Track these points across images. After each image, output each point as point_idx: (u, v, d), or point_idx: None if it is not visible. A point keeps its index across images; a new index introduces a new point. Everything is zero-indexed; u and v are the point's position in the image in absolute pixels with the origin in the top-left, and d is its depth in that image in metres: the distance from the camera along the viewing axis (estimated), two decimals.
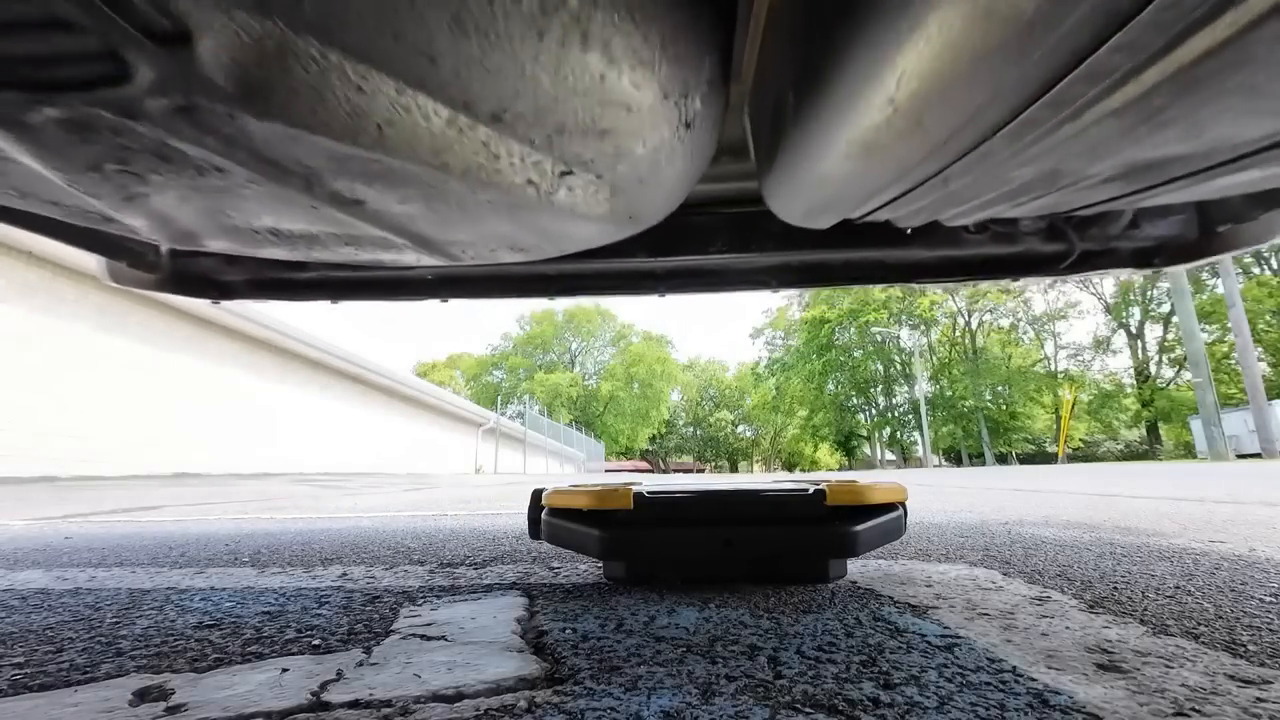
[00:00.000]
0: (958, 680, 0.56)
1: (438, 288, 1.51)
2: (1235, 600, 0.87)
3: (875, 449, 44.66)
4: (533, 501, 1.12)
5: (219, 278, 1.46)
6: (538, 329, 54.60)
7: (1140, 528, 1.75)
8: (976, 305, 38.49)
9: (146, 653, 0.69)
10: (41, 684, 0.60)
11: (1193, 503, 2.60)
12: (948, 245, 1.33)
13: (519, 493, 4.76)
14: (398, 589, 1.03)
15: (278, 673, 0.61)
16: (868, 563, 1.20)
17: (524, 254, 0.82)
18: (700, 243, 1.36)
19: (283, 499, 4.12)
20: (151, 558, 1.46)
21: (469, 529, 2.05)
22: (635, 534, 0.95)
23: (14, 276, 6.62)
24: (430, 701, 0.53)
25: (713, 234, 1.37)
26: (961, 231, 1.30)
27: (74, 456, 7.18)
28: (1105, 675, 0.57)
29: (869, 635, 0.71)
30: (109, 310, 7.83)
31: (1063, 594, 0.92)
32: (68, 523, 2.46)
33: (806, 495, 0.95)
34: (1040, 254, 1.38)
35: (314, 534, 1.96)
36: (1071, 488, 4.15)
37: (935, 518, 2.18)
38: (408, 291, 1.51)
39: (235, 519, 2.61)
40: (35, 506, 3.32)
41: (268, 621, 0.83)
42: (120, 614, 0.88)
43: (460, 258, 0.81)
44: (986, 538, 1.60)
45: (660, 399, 50.70)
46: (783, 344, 48.60)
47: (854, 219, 0.84)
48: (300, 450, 11.77)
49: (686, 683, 0.56)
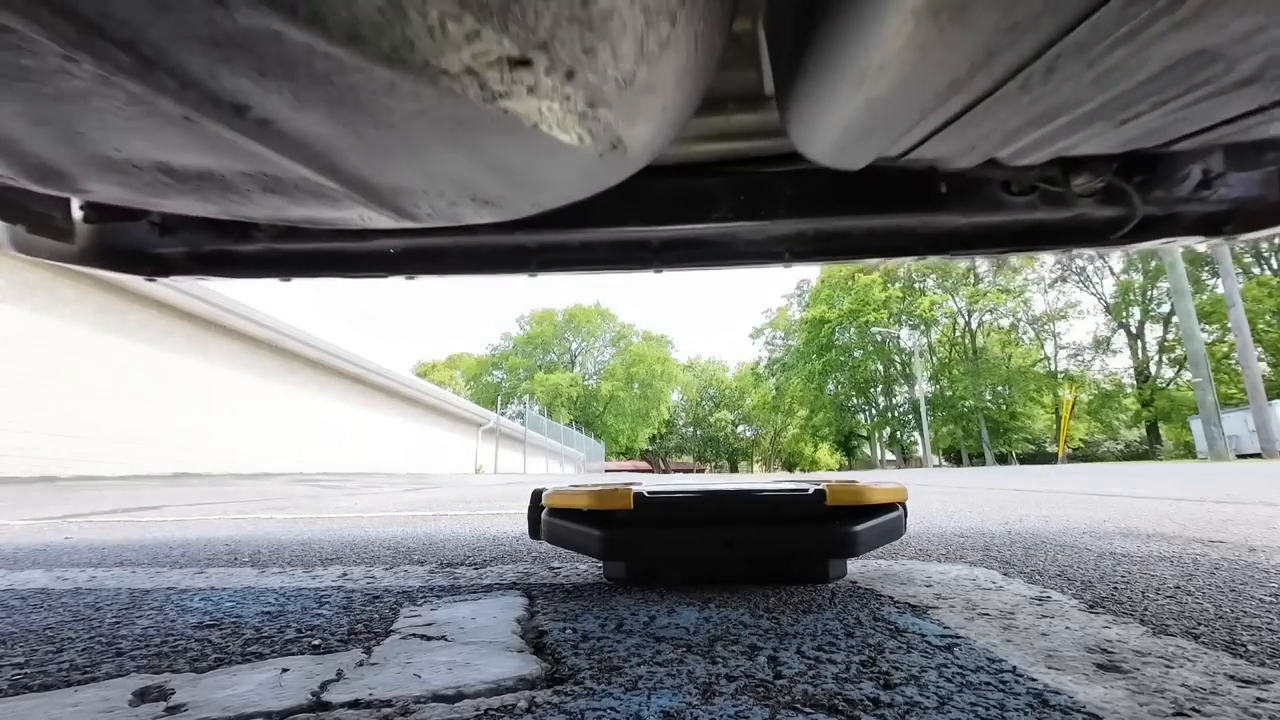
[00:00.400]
0: (958, 680, 0.56)
1: (401, 263, 1.34)
2: (1235, 600, 0.87)
3: (875, 449, 44.67)
4: (533, 501, 1.12)
5: (152, 250, 1.29)
6: (537, 329, 54.61)
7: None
8: (976, 305, 38.51)
9: (146, 653, 0.69)
10: (42, 684, 0.60)
11: (1193, 503, 2.60)
12: (987, 209, 1.14)
13: (519, 493, 4.76)
14: (398, 589, 1.03)
15: (278, 673, 0.61)
16: (868, 563, 1.20)
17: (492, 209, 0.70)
18: (702, 208, 1.19)
19: (283, 499, 4.12)
20: (151, 558, 1.46)
21: (469, 529, 2.05)
22: (635, 534, 0.95)
23: (14, 277, 6.62)
24: (430, 701, 0.53)
25: (716, 198, 1.19)
26: (1002, 193, 1.13)
27: (74, 456, 7.18)
28: (1105, 675, 0.57)
29: (869, 635, 0.71)
30: (109, 310, 7.83)
31: (1063, 594, 0.92)
32: (68, 523, 2.46)
33: (806, 495, 0.95)
34: (1094, 220, 1.19)
35: (314, 534, 1.96)
36: (1072, 488, 4.15)
37: (935, 517, 2.18)
38: (368, 267, 1.34)
39: (235, 519, 2.61)
40: (35, 506, 3.32)
41: (268, 621, 0.83)
42: (120, 614, 0.88)
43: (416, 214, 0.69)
44: (986, 538, 1.60)
45: (660, 399, 50.71)
46: (783, 344, 48.64)
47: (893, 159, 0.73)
48: (300, 450, 11.77)
49: (686, 683, 0.56)
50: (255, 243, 1.27)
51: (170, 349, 8.89)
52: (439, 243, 1.31)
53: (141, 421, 8.25)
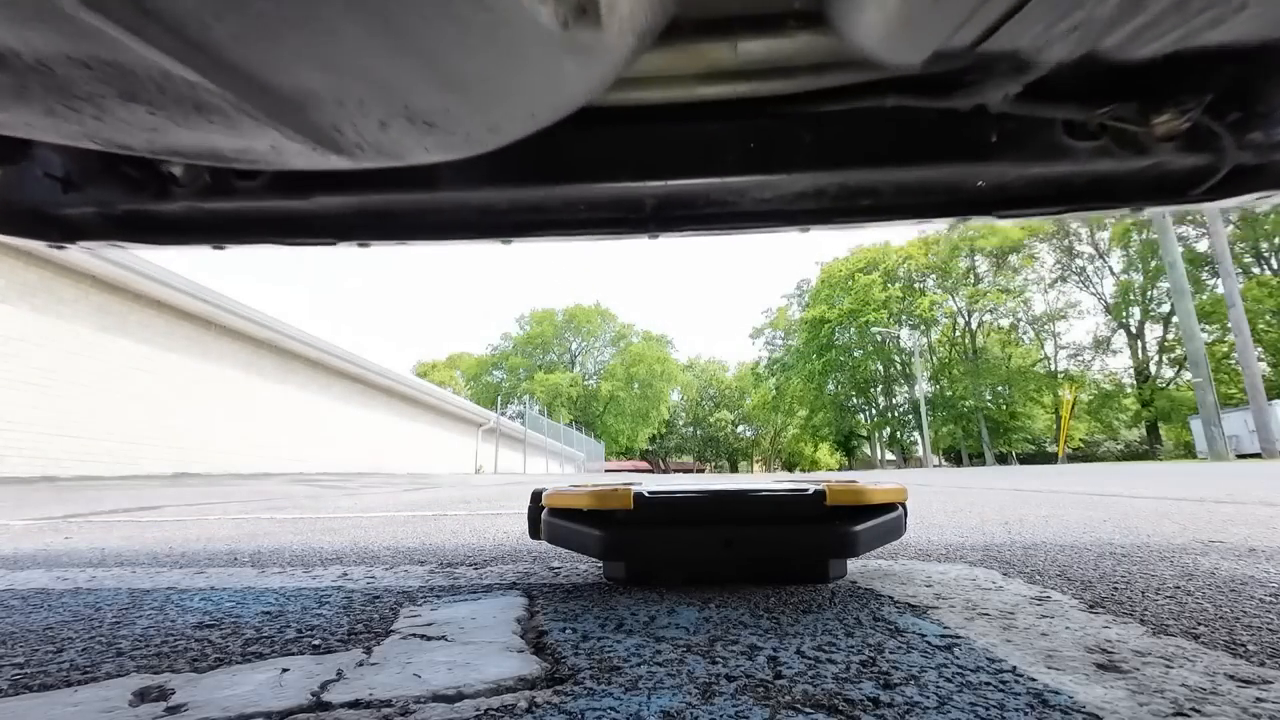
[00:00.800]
0: (957, 680, 0.56)
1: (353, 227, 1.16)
2: (1235, 600, 0.87)
3: (875, 449, 44.70)
4: (533, 501, 1.12)
5: (56, 211, 1.13)
6: (537, 329, 54.64)
7: (1141, 528, 1.75)
8: (976, 305, 38.53)
9: (147, 653, 0.69)
10: (42, 684, 0.60)
11: (1193, 503, 2.60)
12: (1045, 158, 0.96)
13: (519, 493, 4.76)
14: (398, 589, 1.03)
15: (278, 673, 0.61)
16: (868, 563, 1.20)
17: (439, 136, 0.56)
18: (704, 160, 1.02)
19: (283, 499, 4.12)
20: (151, 558, 1.46)
21: (469, 529, 2.06)
22: (635, 534, 0.95)
23: (14, 277, 6.63)
24: (430, 701, 0.53)
25: (721, 147, 1.01)
26: (1065, 138, 0.95)
27: (74, 456, 7.18)
28: (1105, 675, 0.57)
29: (869, 635, 0.71)
30: (109, 310, 7.83)
31: (1063, 594, 0.92)
32: (68, 523, 2.46)
33: (806, 495, 0.95)
34: (1173, 171, 1.01)
35: (314, 534, 1.96)
36: (1072, 487, 4.15)
37: (935, 517, 2.18)
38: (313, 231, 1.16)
39: (235, 519, 2.61)
40: (35, 506, 3.32)
41: (268, 621, 0.83)
42: (120, 614, 0.88)
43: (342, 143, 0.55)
44: (986, 537, 1.60)
45: (660, 399, 50.74)
46: (783, 344, 48.67)
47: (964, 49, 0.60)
48: (300, 450, 11.77)
49: (686, 683, 0.56)
50: (176, 200, 1.08)
51: (170, 349, 8.89)
52: (394, 201, 1.12)
53: (141, 421, 8.25)
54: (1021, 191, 1.07)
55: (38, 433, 6.77)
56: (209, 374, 9.64)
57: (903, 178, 1.05)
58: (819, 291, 43.14)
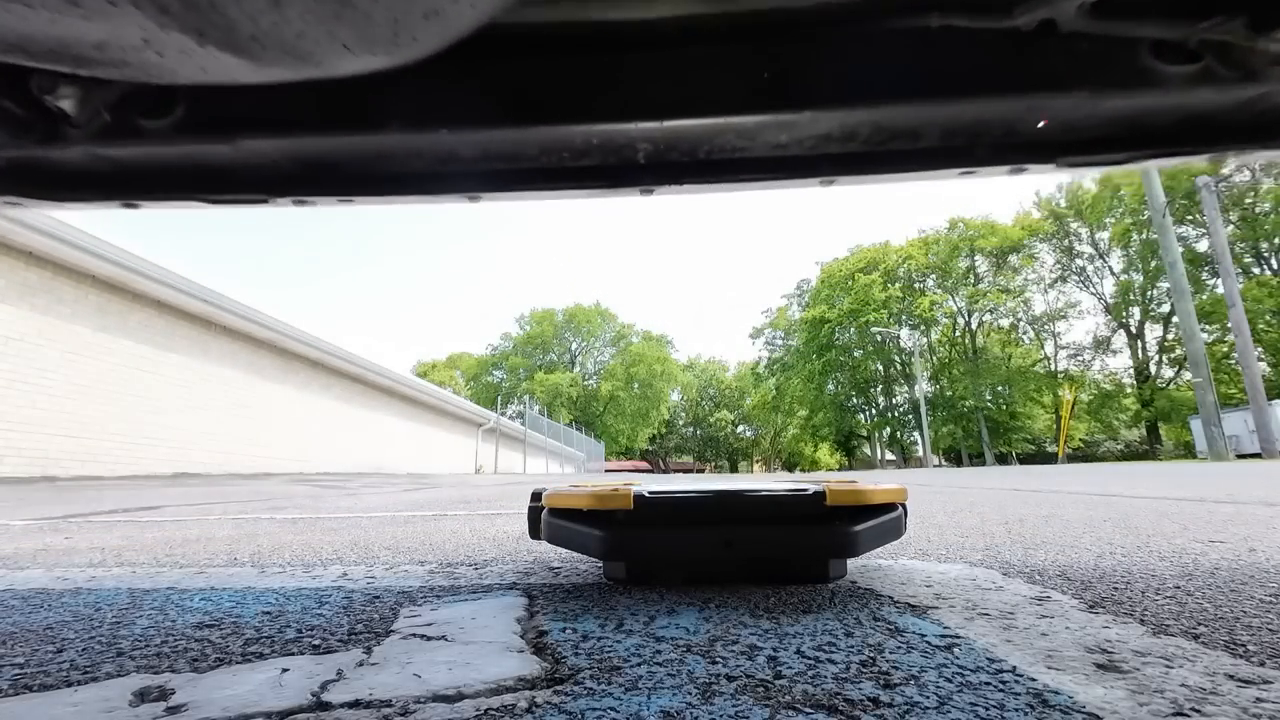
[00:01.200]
0: (957, 680, 0.56)
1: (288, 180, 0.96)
2: (1235, 600, 0.87)
3: (875, 449, 44.70)
4: (533, 501, 1.12)
5: None
6: (537, 329, 54.64)
7: (1143, 527, 1.75)
8: (976, 305, 38.54)
9: (147, 653, 0.69)
10: (42, 684, 0.60)
11: (1193, 503, 2.60)
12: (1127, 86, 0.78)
13: (519, 493, 4.76)
14: (398, 589, 1.03)
15: (278, 673, 0.61)
16: (868, 563, 1.20)
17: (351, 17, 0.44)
18: (708, 94, 0.83)
19: (283, 499, 4.12)
20: (151, 558, 1.46)
21: (469, 529, 2.06)
22: (635, 534, 0.95)
23: (14, 277, 6.62)
24: (430, 701, 0.53)
25: (728, 79, 0.82)
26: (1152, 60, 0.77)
27: (74, 456, 7.18)
28: (1105, 675, 0.57)
29: (869, 635, 0.71)
30: (109, 310, 7.83)
31: (1063, 594, 0.92)
32: (68, 523, 2.46)
33: (806, 496, 0.95)
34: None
35: (314, 534, 1.96)
36: (1072, 487, 4.15)
37: (935, 517, 2.18)
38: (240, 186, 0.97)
39: (235, 519, 2.61)
40: (35, 506, 3.32)
41: (268, 621, 0.83)
42: (120, 614, 0.88)
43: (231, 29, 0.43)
44: (986, 537, 1.60)
45: (660, 399, 50.74)
46: (783, 344, 48.65)
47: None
48: (300, 450, 11.77)
49: (686, 683, 0.56)
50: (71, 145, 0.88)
51: (170, 349, 8.88)
52: (335, 146, 0.91)
53: (141, 421, 8.25)
54: (1093, 132, 0.88)
55: (38, 433, 6.77)
56: (209, 374, 9.63)
57: (949, 116, 0.84)
58: (819, 291, 43.16)
